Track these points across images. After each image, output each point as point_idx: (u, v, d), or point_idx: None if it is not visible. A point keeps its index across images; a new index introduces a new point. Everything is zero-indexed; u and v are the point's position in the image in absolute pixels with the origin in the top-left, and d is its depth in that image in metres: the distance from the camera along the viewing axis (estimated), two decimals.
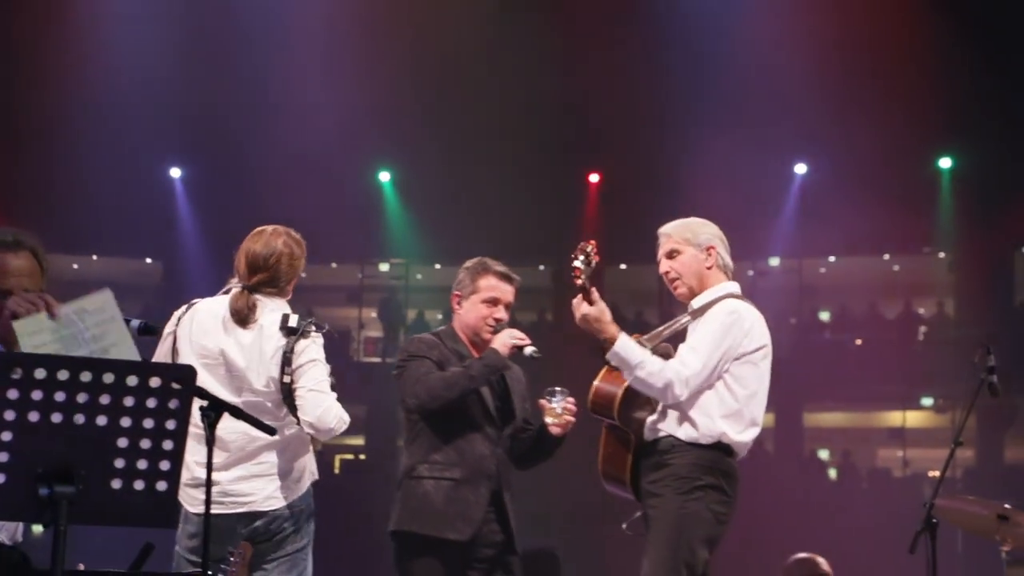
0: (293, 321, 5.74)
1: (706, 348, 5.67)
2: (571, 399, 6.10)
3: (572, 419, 6.09)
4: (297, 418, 5.70)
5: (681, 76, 18.30)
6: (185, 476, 5.59)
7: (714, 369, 5.66)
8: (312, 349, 5.74)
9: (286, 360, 5.68)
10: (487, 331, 6.22)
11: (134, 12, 17.99)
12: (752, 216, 18.90)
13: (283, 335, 5.72)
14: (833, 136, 18.80)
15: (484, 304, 6.26)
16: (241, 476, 5.70)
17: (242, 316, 5.77)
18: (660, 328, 6.00)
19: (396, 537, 6.14)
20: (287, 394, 5.68)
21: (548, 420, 6.10)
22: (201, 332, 5.79)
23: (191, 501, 5.66)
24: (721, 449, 5.69)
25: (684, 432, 5.69)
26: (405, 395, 6.13)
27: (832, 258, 23.80)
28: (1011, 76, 18.32)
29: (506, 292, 6.30)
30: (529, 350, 6.06)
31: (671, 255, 5.95)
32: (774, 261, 22.47)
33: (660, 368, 5.61)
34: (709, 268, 5.92)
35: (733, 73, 18.09)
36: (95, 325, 3.99)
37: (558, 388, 6.13)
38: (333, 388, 5.74)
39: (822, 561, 8.42)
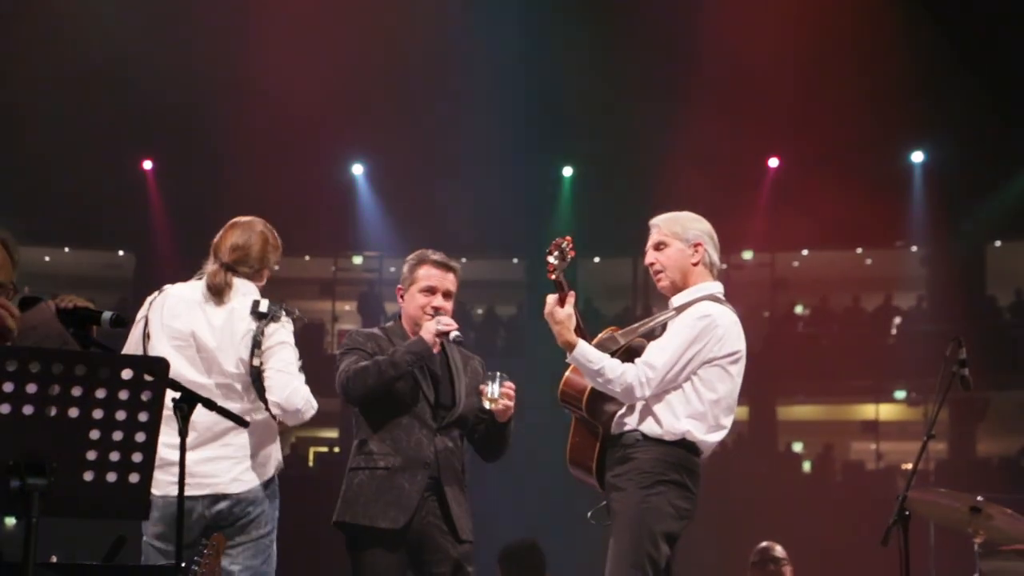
0: (264, 306, 5.78)
1: (673, 350, 5.65)
2: (509, 383, 6.06)
3: (510, 403, 6.05)
4: (265, 403, 5.72)
5: (655, 69, 18.31)
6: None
7: (681, 371, 5.64)
8: (281, 332, 5.77)
9: (256, 343, 5.72)
10: (426, 319, 6.16)
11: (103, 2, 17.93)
12: (726, 209, 18.92)
13: (253, 319, 5.76)
14: (806, 130, 18.85)
15: (421, 293, 6.22)
16: (207, 457, 5.69)
17: (218, 290, 5.82)
18: (638, 324, 5.98)
19: (337, 528, 6.13)
20: (256, 377, 5.71)
21: (486, 405, 6.08)
22: (172, 315, 5.83)
23: (156, 484, 5.66)
24: (685, 447, 5.67)
25: (649, 428, 5.68)
26: (337, 387, 6.13)
27: (805, 251, 23.88)
28: (983, 71, 18.40)
29: (443, 280, 6.24)
30: (453, 334, 6.04)
31: (658, 247, 5.93)
32: (747, 255, 22.54)
33: (621, 372, 5.60)
34: (695, 264, 5.89)
35: (708, 67, 18.11)
36: None
37: (498, 373, 6.11)
38: (301, 371, 5.76)
39: (777, 547, 8.55)
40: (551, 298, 5.69)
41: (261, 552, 5.81)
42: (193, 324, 5.80)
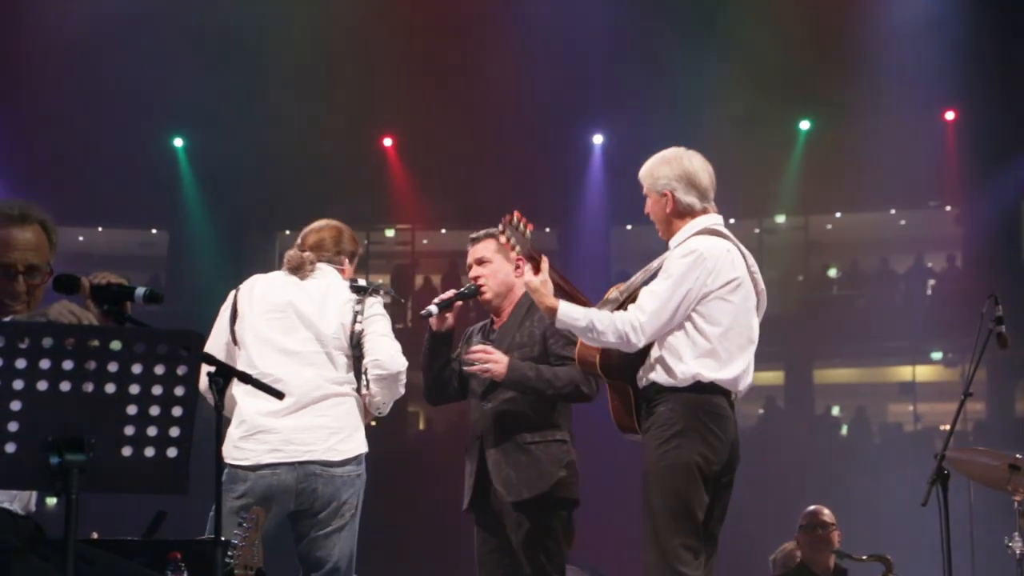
0: (362, 281, 6.05)
1: (662, 290, 5.51)
2: (478, 347, 6.27)
3: (483, 365, 6.18)
4: (358, 379, 5.85)
5: (685, 35, 18.23)
6: (243, 429, 5.65)
7: (675, 311, 5.48)
8: (379, 305, 6.02)
9: (358, 311, 5.92)
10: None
11: None
12: (758, 174, 18.87)
13: (353, 291, 5.97)
14: (836, 92, 18.75)
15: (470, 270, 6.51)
16: (304, 425, 5.76)
17: (297, 264, 5.99)
18: (637, 275, 5.88)
19: None
20: (356, 344, 5.86)
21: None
22: (265, 291, 5.98)
23: (242, 456, 5.67)
24: (700, 390, 5.51)
25: (661, 377, 5.56)
26: None
27: (838, 214, 23.78)
28: (1015, 27, 18.24)
29: (473, 253, 6.50)
30: (423, 312, 6.28)
31: (646, 201, 5.89)
32: (780, 218, 22.46)
33: (610, 320, 5.50)
34: (670, 213, 5.78)
35: (738, 30, 18.02)
36: None
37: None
38: None
39: (826, 510, 8.53)
40: (528, 268, 5.71)
41: (351, 535, 5.87)
42: (289, 295, 5.94)
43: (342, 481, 5.77)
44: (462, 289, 6.44)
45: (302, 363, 5.81)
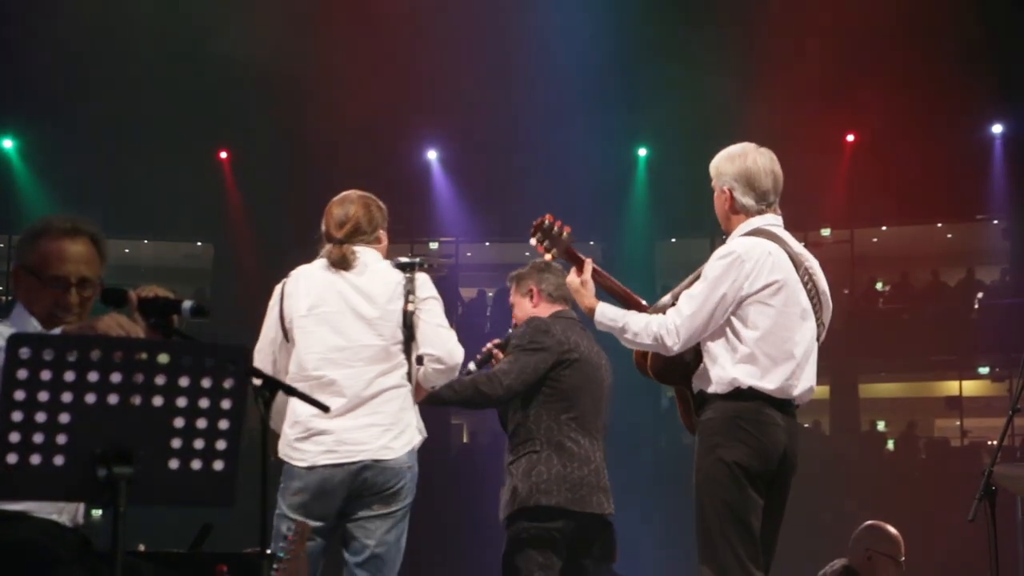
0: (405, 259, 5.91)
1: (699, 292, 5.42)
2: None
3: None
4: (408, 357, 5.79)
5: (731, 45, 18.18)
6: (297, 430, 5.65)
7: (710, 315, 5.39)
8: (430, 284, 5.89)
9: (409, 290, 5.80)
10: None
11: None
12: (804, 186, 18.81)
13: (399, 271, 5.85)
14: (884, 104, 18.67)
15: None
16: (358, 425, 5.70)
17: (344, 262, 5.86)
18: (686, 279, 5.82)
19: None
20: (408, 324, 5.78)
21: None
22: (310, 285, 5.85)
23: (299, 456, 5.68)
24: (740, 397, 5.41)
25: (706, 384, 5.51)
26: None
27: (885, 227, 23.67)
28: None
29: None
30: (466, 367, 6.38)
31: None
32: (826, 231, 22.37)
33: (645, 323, 5.44)
34: (732, 212, 5.72)
35: (784, 43, 17.96)
36: None
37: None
38: None
39: (891, 527, 8.37)
40: (572, 270, 5.71)
41: (397, 526, 5.79)
42: (337, 288, 5.83)
43: (392, 472, 5.74)
44: (499, 340, 6.62)
45: (354, 359, 5.73)
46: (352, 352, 5.74)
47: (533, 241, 5.69)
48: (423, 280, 5.87)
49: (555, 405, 6.48)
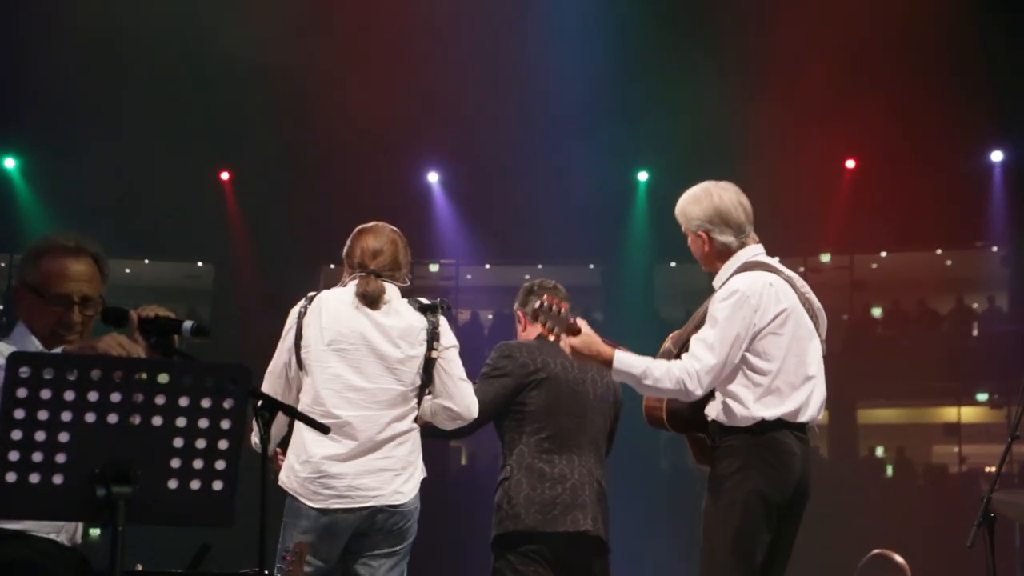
0: (427, 300, 5.87)
1: (713, 335, 5.40)
2: None
3: None
4: (419, 398, 5.78)
5: (730, 72, 18.20)
6: (307, 470, 5.60)
7: (727, 356, 5.38)
8: (450, 332, 5.88)
9: (433, 336, 5.77)
10: None
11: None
12: (803, 212, 18.83)
13: (422, 313, 5.81)
14: (883, 131, 18.70)
15: None
16: (369, 470, 5.65)
17: (373, 299, 5.76)
18: (688, 322, 5.82)
19: None
20: (428, 370, 5.75)
21: None
22: (333, 318, 5.74)
23: (311, 496, 5.64)
24: (763, 429, 5.41)
25: (725, 417, 5.52)
26: None
27: (884, 253, 23.68)
28: None
29: None
30: None
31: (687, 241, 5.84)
32: (825, 257, 22.39)
33: (666, 369, 5.40)
34: (708, 252, 5.72)
35: (783, 70, 17.99)
36: None
37: None
38: None
39: (897, 556, 8.37)
40: (563, 342, 5.63)
41: (400, 563, 5.81)
42: (359, 325, 5.74)
43: (402, 516, 5.72)
44: None
45: (370, 401, 5.67)
46: (370, 395, 5.69)
47: (539, 322, 5.67)
48: (445, 326, 5.85)
49: (526, 427, 6.46)
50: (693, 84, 18.37)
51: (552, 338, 5.67)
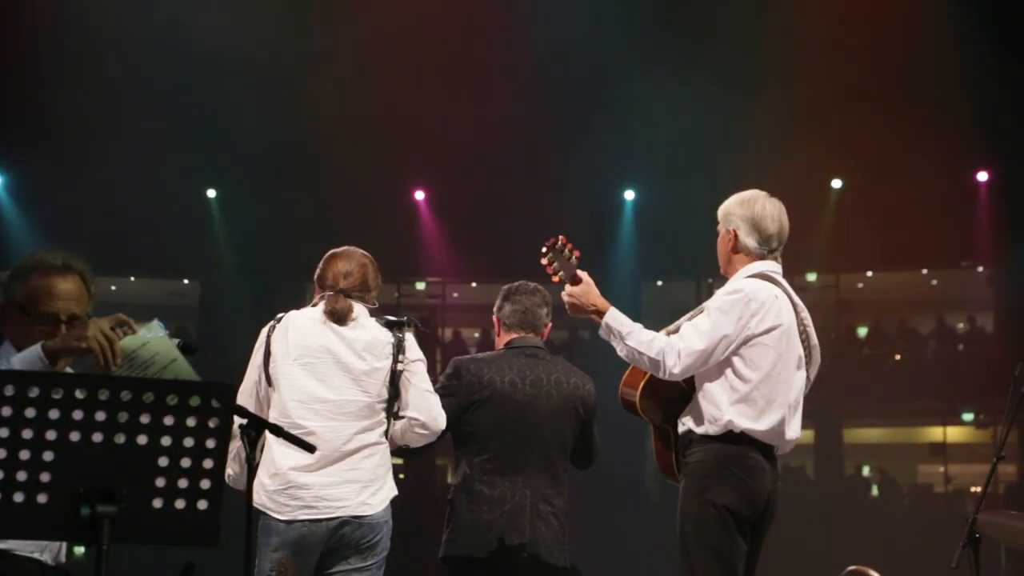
0: (393, 318, 5.97)
1: (704, 325, 5.47)
2: None
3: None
4: (388, 421, 5.82)
5: (718, 92, 18.22)
6: (276, 483, 5.62)
7: (714, 347, 5.42)
8: (416, 346, 5.93)
9: (399, 349, 5.84)
10: None
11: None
12: (790, 231, 18.83)
13: (388, 329, 5.89)
14: (869, 150, 18.74)
15: None
16: (335, 480, 5.70)
17: (341, 315, 5.86)
18: (687, 315, 5.82)
19: None
20: (394, 383, 5.81)
21: None
22: (300, 334, 5.84)
23: (280, 509, 5.65)
24: (732, 440, 5.45)
25: (697, 425, 5.51)
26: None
27: (870, 273, 23.72)
28: None
29: None
30: None
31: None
32: (811, 276, 22.41)
33: (651, 338, 5.44)
34: (734, 252, 5.75)
35: (770, 89, 18.02)
36: (157, 366, 4.05)
37: None
38: None
39: (874, 572, 8.34)
40: (565, 291, 5.68)
41: (366, 571, 5.80)
42: (325, 339, 5.82)
43: (370, 528, 5.75)
44: None
45: (336, 413, 5.74)
46: (335, 406, 5.75)
47: (544, 261, 5.67)
48: (411, 341, 5.90)
49: (470, 448, 6.47)
50: (681, 107, 18.41)
51: (556, 279, 5.68)
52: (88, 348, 4.03)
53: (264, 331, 5.93)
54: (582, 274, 5.63)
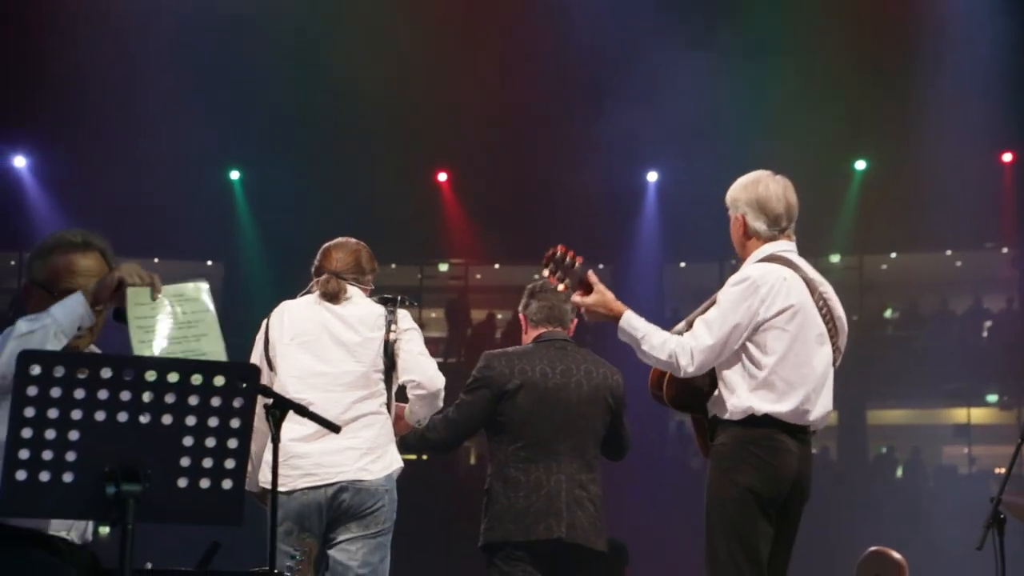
0: (387, 295, 6.13)
1: (715, 317, 5.43)
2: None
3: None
4: (388, 387, 5.94)
5: (741, 73, 18.17)
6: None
7: (726, 340, 5.39)
8: (409, 318, 6.10)
9: (390, 321, 6.00)
10: None
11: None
12: (813, 213, 18.78)
13: (382, 304, 6.06)
14: (893, 132, 18.67)
15: None
16: (334, 448, 5.78)
17: (334, 294, 6.04)
18: (700, 307, 5.81)
19: None
20: (389, 353, 5.95)
21: None
22: (296, 318, 6.04)
23: (280, 481, 5.67)
24: (754, 423, 5.41)
25: (721, 412, 5.50)
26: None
27: (894, 254, 23.65)
28: None
29: None
30: None
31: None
32: (835, 258, 22.35)
33: (663, 340, 5.42)
34: (746, 237, 5.73)
35: (794, 70, 17.96)
36: (190, 312, 4.08)
37: None
38: None
39: (895, 553, 8.31)
40: (576, 297, 5.64)
41: (379, 548, 5.90)
42: (320, 317, 6.00)
43: (369, 494, 5.81)
44: None
45: (333, 384, 5.87)
46: (332, 378, 5.88)
47: (546, 272, 5.64)
48: (404, 313, 6.06)
49: (503, 438, 6.50)
50: (704, 87, 18.36)
51: (562, 288, 5.65)
52: (122, 280, 4.08)
53: (264, 322, 6.10)
54: (592, 279, 5.58)
